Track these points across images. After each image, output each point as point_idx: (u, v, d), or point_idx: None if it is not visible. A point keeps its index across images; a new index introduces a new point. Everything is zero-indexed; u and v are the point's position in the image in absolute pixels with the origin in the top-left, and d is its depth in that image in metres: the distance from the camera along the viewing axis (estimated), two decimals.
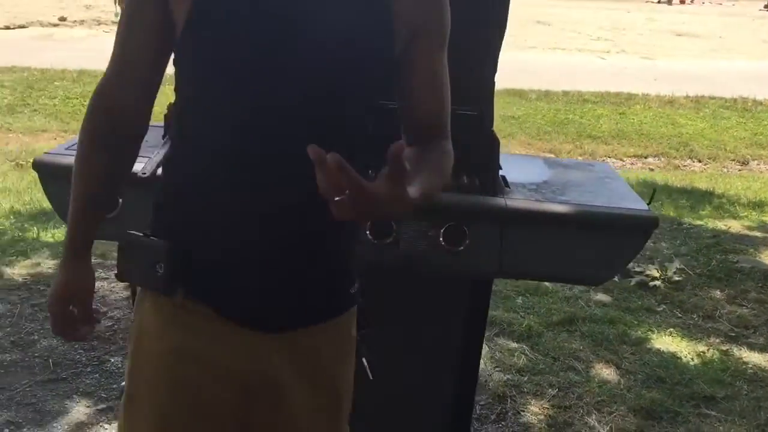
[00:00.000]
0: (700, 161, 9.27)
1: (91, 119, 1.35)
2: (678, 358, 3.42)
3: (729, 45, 19.42)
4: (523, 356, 3.27)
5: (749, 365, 3.41)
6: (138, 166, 1.89)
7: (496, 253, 1.92)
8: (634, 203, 2.01)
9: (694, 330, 3.74)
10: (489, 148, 2.06)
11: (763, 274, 4.40)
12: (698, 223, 5.64)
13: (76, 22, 17.38)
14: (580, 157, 9.27)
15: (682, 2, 30.27)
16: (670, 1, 30.32)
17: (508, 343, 3.39)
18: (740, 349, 3.56)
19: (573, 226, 1.91)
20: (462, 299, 2.07)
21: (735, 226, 5.46)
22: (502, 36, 2.22)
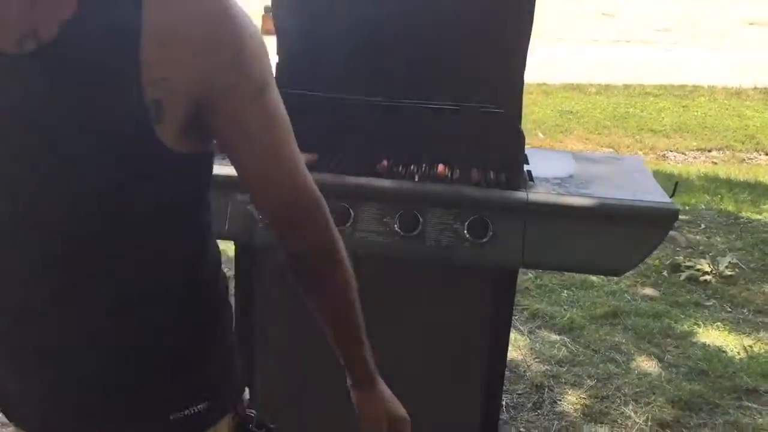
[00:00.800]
0: (767, 154, 9.03)
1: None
2: (723, 351, 3.41)
3: None
4: (564, 348, 3.33)
5: None
6: None
7: (518, 245, 2.01)
8: (656, 196, 2.06)
9: (743, 324, 3.71)
10: (514, 145, 2.15)
11: None
12: (757, 217, 5.54)
13: None
14: (640, 152, 9.16)
15: None
16: None
17: (550, 336, 3.45)
18: None
19: (592, 218, 1.98)
20: (487, 289, 2.16)
21: None
22: (529, 34, 2.30)
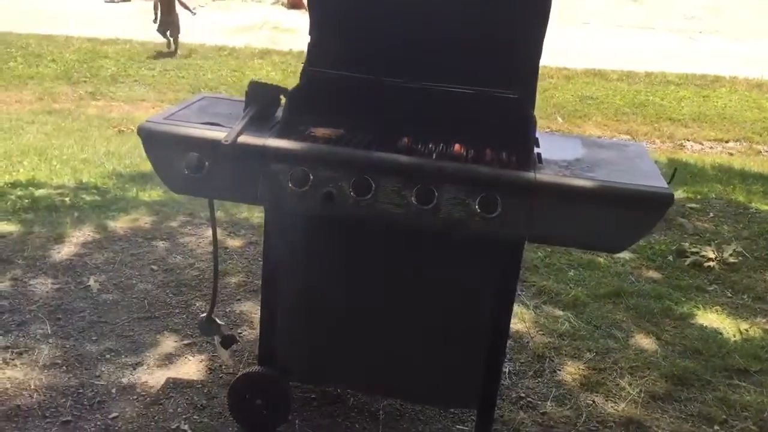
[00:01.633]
0: None
1: None
2: (719, 333, 3.58)
3: None
4: (567, 323, 3.51)
5: None
6: (221, 134, 2.26)
7: (524, 221, 2.20)
8: (654, 181, 2.23)
9: (742, 309, 3.87)
10: (525, 129, 2.33)
11: None
12: (765, 208, 5.67)
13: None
14: (657, 140, 9.27)
15: None
16: None
17: (554, 311, 3.63)
18: None
19: (593, 199, 2.16)
20: (496, 261, 2.35)
21: None
22: (545, 24, 2.46)
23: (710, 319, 3.72)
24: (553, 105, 9.95)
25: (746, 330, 3.63)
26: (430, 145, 2.40)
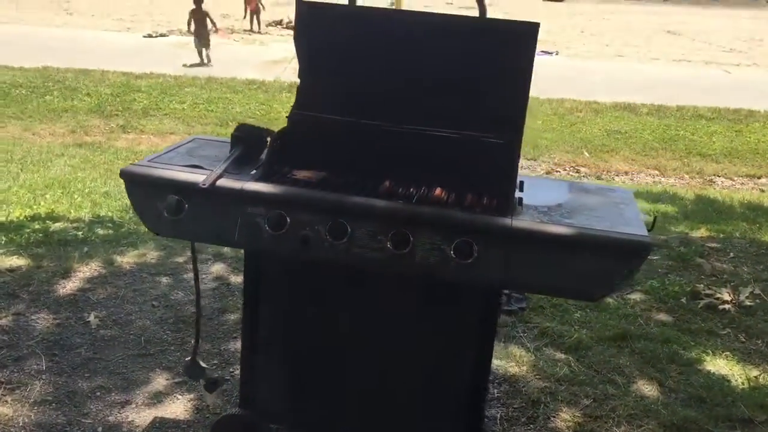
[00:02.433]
0: None
1: None
2: (727, 380, 3.47)
3: None
4: (566, 367, 3.44)
5: None
6: (200, 177, 2.29)
7: (501, 267, 2.17)
8: (633, 229, 2.19)
9: (755, 355, 3.75)
10: (507, 174, 2.32)
11: None
12: None
13: (211, 30, 18.61)
14: (686, 175, 9.12)
15: None
16: None
17: (555, 354, 3.56)
18: None
19: (569, 246, 2.12)
20: (472, 307, 2.33)
21: None
22: (530, 72, 2.46)
23: (719, 365, 3.61)
24: (580, 139, 9.87)
25: (756, 377, 3.51)
26: (411, 189, 2.40)
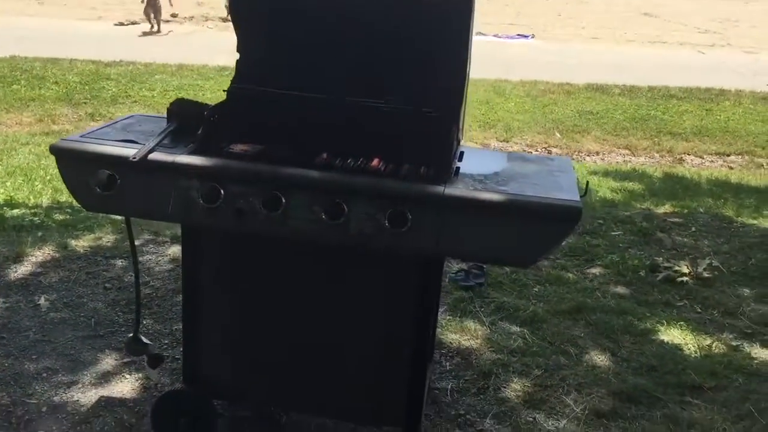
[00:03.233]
0: None
1: None
2: (679, 349, 3.50)
3: None
4: (520, 339, 3.45)
5: (755, 361, 3.43)
6: (131, 151, 2.27)
7: (434, 235, 2.17)
8: (565, 195, 2.19)
9: (709, 325, 3.78)
10: (442, 144, 2.31)
11: None
12: (752, 222, 5.57)
13: (185, 18, 18.44)
14: (657, 154, 9.16)
15: None
16: None
17: (510, 327, 3.58)
18: (752, 346, 3.58)
19: (500, 212, 2.12)
20: (411, 276, 2.33)
21: None
22: (467, 43, 2.46)
23: (672, 335, 3.64)
24: (552, 120, 9.88)
25: (708, 346, 3.55)
26: (349, 160, 2.38)
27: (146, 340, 2.68)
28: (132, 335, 2.64)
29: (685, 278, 4.31)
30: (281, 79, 2.51)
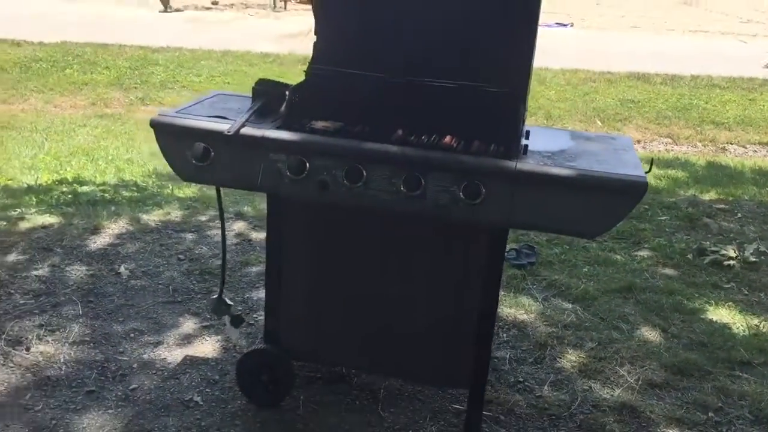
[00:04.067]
0: None
1: None
2: (728, 328, 3.61)
3: None
4: (573, 315, 3.60)
5: None
6: (225, 126, 2.46)
7: (506, 207, 2.33)
8: (632, 170, 2.33)
9: (756, 306, 3.89)
10: (512, 121, 2.46)
11: None
12: None
13: (226, 6, 18.72)
14: (699, 143, 9.17)
15: None
16: None
17: (562, 304, 3.72)
18: None
19: (570, 186, 2.27)
20: (481, 245, 2.49)
21: None
22: (536, 22, 2.59)
23: (721, 314, 3.76)
24: (594, 108, 9.93)
25: (756, 325, 3.66)
26: (423, 137, 2.54)
27: (230, 301, 2.88)
28: (217, 296, 2.84)
29: (732, 262, 4.40)
30: (357, 60, 2.68)
